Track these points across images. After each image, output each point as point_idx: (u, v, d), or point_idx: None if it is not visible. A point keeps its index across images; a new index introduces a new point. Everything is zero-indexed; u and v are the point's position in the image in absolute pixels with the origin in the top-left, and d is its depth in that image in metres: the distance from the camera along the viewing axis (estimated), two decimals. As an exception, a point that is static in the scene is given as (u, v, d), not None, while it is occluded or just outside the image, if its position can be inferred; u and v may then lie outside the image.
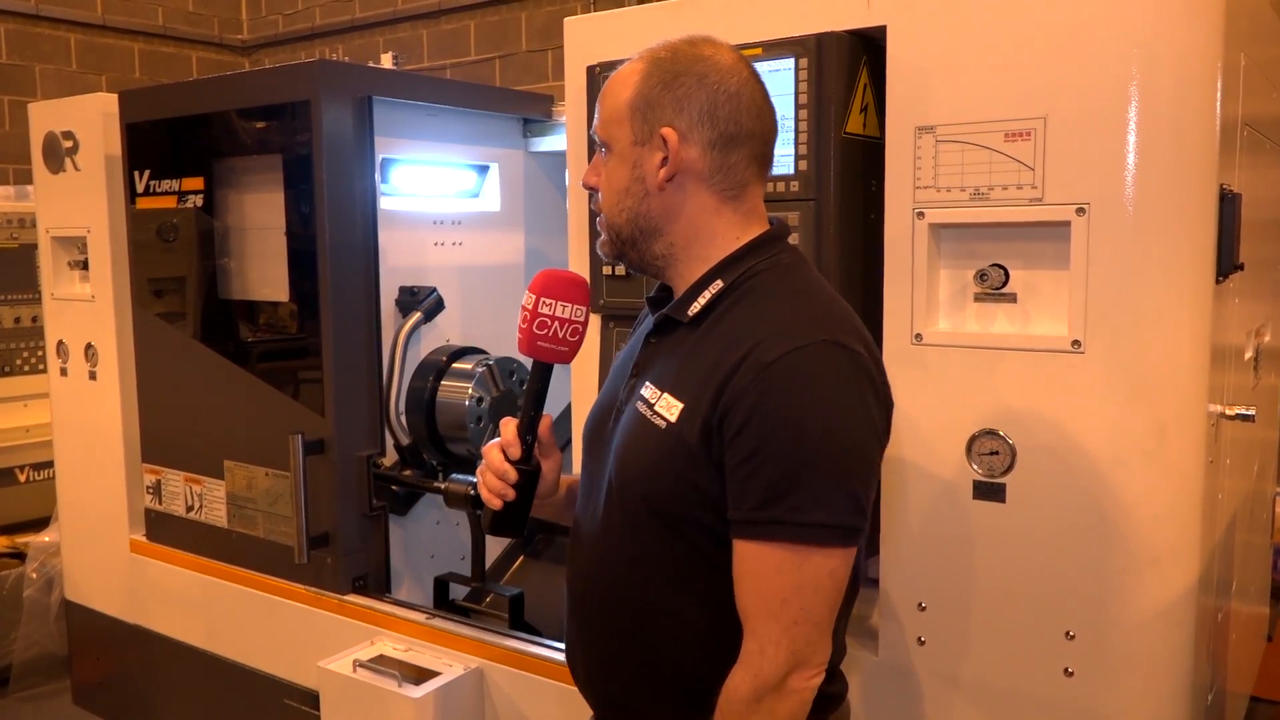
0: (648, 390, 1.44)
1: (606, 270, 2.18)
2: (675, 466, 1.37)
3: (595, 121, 1.49)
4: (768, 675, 1.32)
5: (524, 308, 1.53)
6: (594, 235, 2.22)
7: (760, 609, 1.32)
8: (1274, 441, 2.89)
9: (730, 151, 1.42)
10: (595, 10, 7.15)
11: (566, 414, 2.43)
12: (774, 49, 1.92)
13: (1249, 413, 1.90)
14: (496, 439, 1.57)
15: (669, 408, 1.39)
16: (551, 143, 3.30)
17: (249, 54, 9.24)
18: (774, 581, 1.31)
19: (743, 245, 1.46)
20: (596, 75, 2.15)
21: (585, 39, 2.23)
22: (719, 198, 1.44)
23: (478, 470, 1.59)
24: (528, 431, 1.55)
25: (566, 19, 2.26)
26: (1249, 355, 2.26)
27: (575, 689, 1.65)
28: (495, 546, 3.15)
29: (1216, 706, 2.09)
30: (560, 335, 1.53)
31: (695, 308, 1.43)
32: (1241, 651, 2.53)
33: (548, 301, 1.52)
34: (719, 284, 1.43)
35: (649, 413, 1.42)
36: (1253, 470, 2.49)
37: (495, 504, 1.55)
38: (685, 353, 1.43)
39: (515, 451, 1.54)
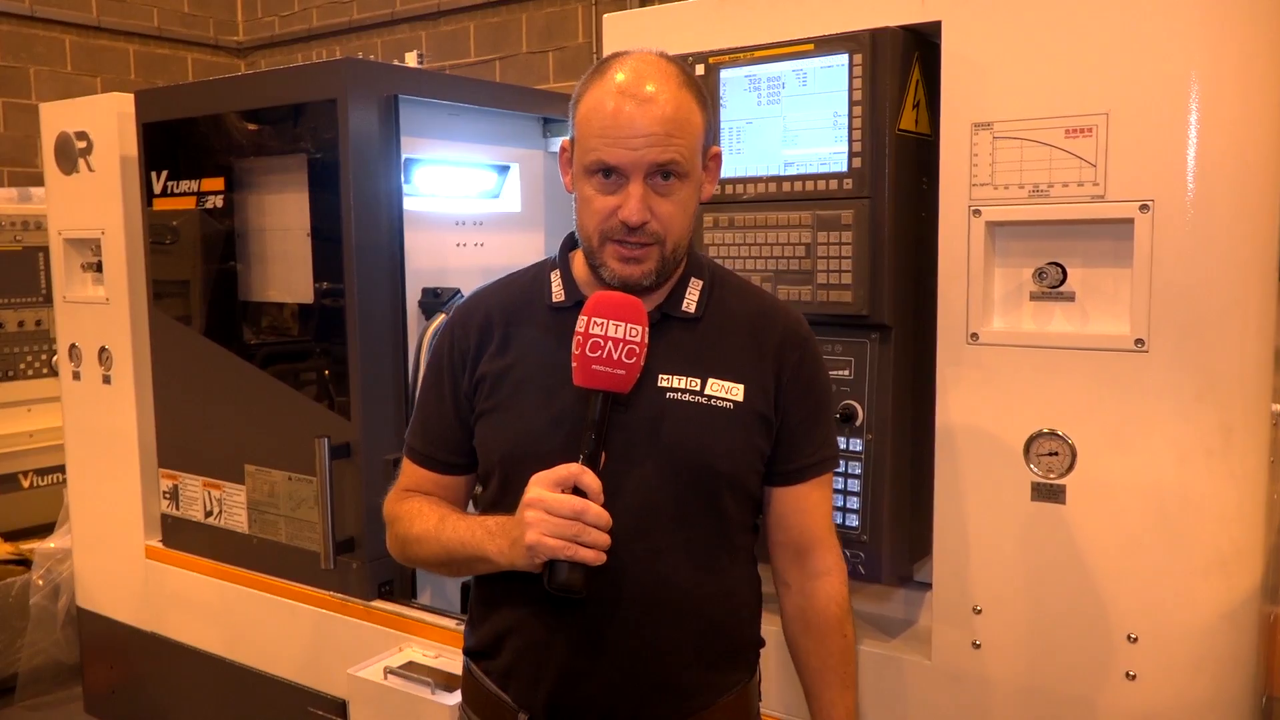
0: (677, 380, 1.50)
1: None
2: (752, 440, 1.53)
3: (670, 154, 1.41)
4: (847, 574, 1.65)
5: (575, 334, 1.42)
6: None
7: (827, 526, 1.63)
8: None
9: None
10: (597, 11, 7.12)
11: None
12: (826, 45, 1.89)
13: (1313, 412, 1.88)
14: (557, 493, 1.37)
15: (727, 390, 1.51)
16: (571, 143, 3.26)
17: (244, 56, 9.18)
18: (828, 502, 1.66)
19: (689, 247, 1.57)
20: (639, 72, 2.12)
21: (627, 35, 2.20)
22: None
23: (566, 534, 1.35)
24: (597, 472, 1.40)
25: (606, 15, 2.23)
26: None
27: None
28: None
29: (1268, 711, 2.07)
30: (616, 357, 1.40)
31: (691, 304, 1.55)
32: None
33: (599, 321, 1.40)
34: (698, 281, 1.57)
35: (701, 399, 1.50)
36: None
37: (603, 559, 1.37)
38: (698, 341, 1.53)
39: (603, 497, 1.38)
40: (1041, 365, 1.81)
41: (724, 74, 2.02)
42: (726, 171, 2.01)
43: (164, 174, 3.08)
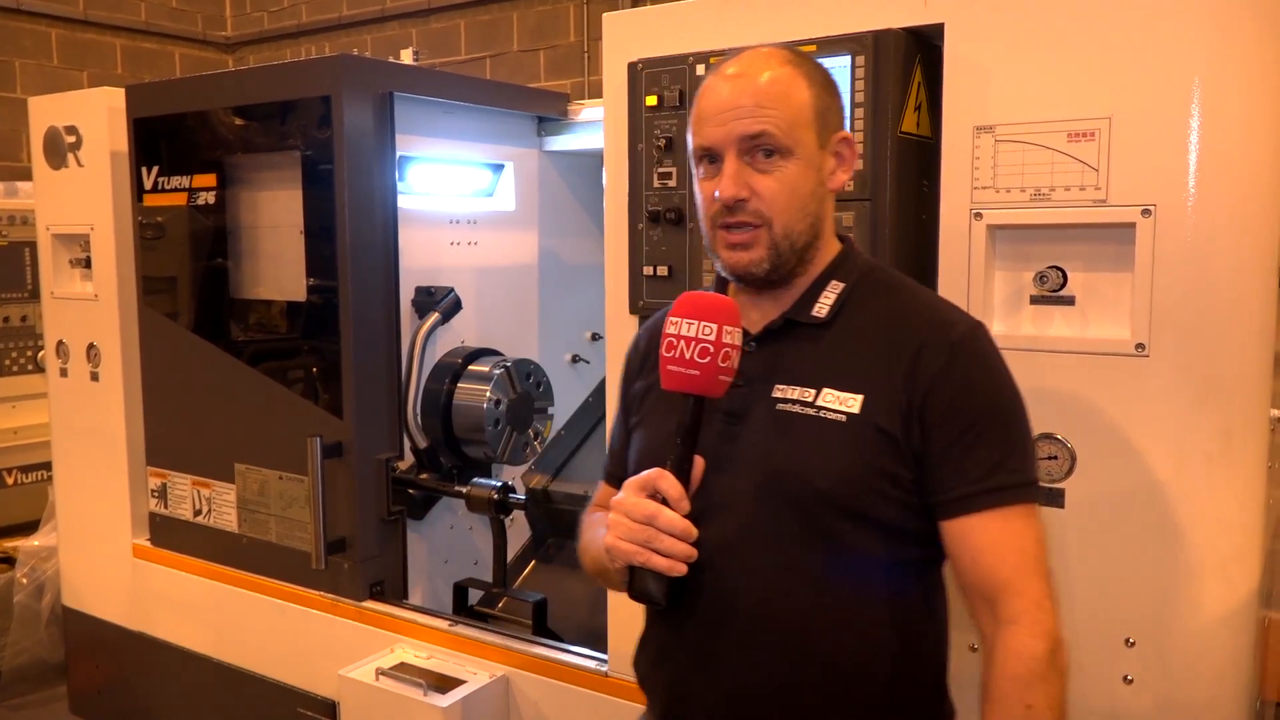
0: (791, 391, 1.41)
1: (648, 270, 2.14)
2: (867, 457, 1.36)
3: (761, 124, 1.36)
4: (1052, 628, 1.35)
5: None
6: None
7: (1020, 569, 1.35)
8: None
9: None
10: (589, 10, 7.10)
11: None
12: (829, 46, 1.89)
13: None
14: (637, 497, 1.34)
15: (841, 401, 1.38)
16: (565, 142, 3.26)
17: (232, 51, 9.14)
18: (1024, 541, 1.36)
19: (843, 247, 1.51)
20: (639, 72, 2.11)
21: (626, 34, 2.19)
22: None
23: (638, 538, 1.32)
24: (685, 479, 1.35)
25: (606, 14, 2.21)
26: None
27: (603, 695, 1.58)
28: (512, 551, 3.10)
29: (1262, 715, 2.08)
30: (689, 356, 1.32)
31: (823, 308, 1.45)
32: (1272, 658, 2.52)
33: (675, 320, 1.34)
34: (838, 284, 1.46)
35: (810, 410, 1.39)
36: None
37: (680, 570, 1.32)
38: (825, 348, 1.43)
39: (687, 505, 1.33)
40: (1041, 369, 1.81)
41: (724, 74, 2.01)
42: (726, 172, 2.00)
43: (155, 169, 3.05)
